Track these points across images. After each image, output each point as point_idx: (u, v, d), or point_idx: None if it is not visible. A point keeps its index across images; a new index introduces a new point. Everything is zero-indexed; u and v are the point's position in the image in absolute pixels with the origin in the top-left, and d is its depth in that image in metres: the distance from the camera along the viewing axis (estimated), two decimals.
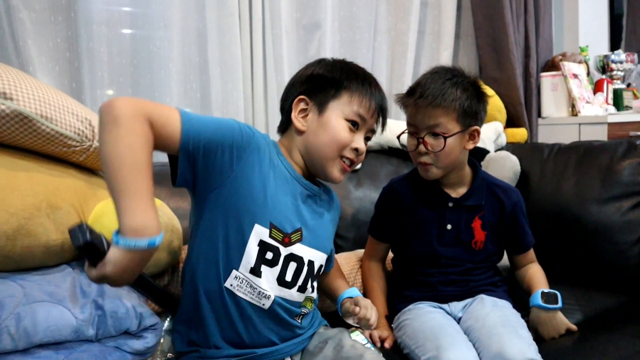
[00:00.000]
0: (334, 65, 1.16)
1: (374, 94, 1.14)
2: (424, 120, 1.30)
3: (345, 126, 1.11)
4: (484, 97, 1.35)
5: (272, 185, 1.06)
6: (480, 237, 1.40)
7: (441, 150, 1.30)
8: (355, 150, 1.13)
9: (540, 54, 2.63)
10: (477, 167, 1.44)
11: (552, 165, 1.93)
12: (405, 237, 1.44)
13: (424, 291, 1.40)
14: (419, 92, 1.30)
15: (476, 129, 1.34)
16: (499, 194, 1.43)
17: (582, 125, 2.41)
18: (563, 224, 1.79)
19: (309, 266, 1.12)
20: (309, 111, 1.12)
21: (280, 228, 1.06)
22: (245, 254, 1.03)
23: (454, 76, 1.32)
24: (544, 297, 1.35)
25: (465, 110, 1.30)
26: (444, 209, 1.40)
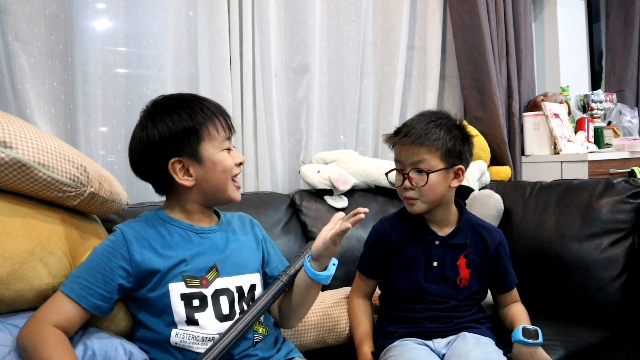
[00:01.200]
0: (169, 115, 1.17)
1: (216, 113, 1.21)
2: (409, 157, 1.37)
3: (225, 155, 1.20)
4: (469, 139, 1.42)
5: (169, 245, 1.17)
6: (465, 274, 1.44)
7: (424, 185, 1.36)
8: (240, 164, 1.24)
9: (522, 94, 2.72)
10: (463, 207, 1.49)
11: (534, 203, 1.98)
12: (393, 273, 1.47)
13: (410, 327, 1.43)
14: (404, 131, 1.38)
15: (460, 168, 1.40)
16: (483, 234, 1.48)
17: (564, 163, 2.48)
18: (544, 260, 1.83)
19: (238, 292, 1.21)
20: (188, 166, 1.18)
21: (193, 275, 1.16)
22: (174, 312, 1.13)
23: (439, 118, 1.40)
24: (525, 333, 1.39)
25: (449, 149, 1.36)
26: (431, 247, 1.44)
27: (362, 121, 2.40)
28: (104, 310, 1.11)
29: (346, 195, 1.99)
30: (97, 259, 1.13)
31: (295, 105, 2.24)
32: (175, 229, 1.20)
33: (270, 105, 2.13)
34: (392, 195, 2.05)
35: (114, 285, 1.11)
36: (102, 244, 1.16)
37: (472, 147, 1.45)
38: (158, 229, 1.20)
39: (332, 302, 1.60)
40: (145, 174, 1.23)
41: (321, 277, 1.25)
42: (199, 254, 1.19)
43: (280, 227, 1.81)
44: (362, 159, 2.10)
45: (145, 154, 1.19)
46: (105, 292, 1.10)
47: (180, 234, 1.20)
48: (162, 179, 1.21)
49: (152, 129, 1.17)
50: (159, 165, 1.17)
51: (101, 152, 1.85)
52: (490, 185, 2.25)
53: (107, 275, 1.11)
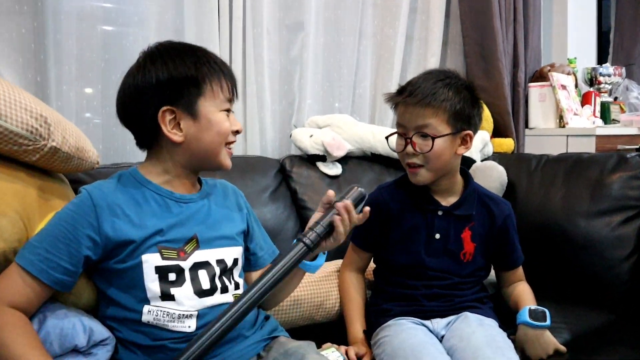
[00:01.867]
0: (172, 59, 1.04)
1: (223, 70, 1.08)
2: (413, 120, 1.25)
3: (224, 116, 1.07)
4: (478, 102, 1.30)
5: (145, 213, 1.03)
6: (470, 248, 1.32)
7: (429, 151, 1.24)
8: (237, 132, 1.11)
9: (528, 64, 2.58)
10: (469, 176, 1.37)
11: (539, 177, 1.87)
12: (390, 246, 1.36)
13: (406, 305, 1.31)
14: (409, 90, 1.26)
15: (468, 133, 1.28)
16: (490, 206, 1.36)
17: (570, 137, 2.35)
18: (550, 238, 1.72)
19: (220, 266, 1.08)
20: (180, 119, 1.04)
21: (170, 245, 1.03)
22: (146, 287, 1.00)
23: (447, 77, 1.27)
24: (531, 314, 1.28)
25: (457, 112, 1.24)
26: (433, 217, 1.33)
27: (359, 86, 2.25)
28: (67, 286, 0.98)
29: (340, 162, 1.86)
30: (60, 226, 0.98)
31: (288, 66, 2.09)
32: (152, 195, 1.06)
33: (261, 64, 1.98)
34: (389, 164, 1.92)
35: (80, 258, 0.97)
36: (66, 209, 1.01)
37: (482, 111, 1.33)
38: (132, 194, 1.05)
39: (321, 275, 1.48)
40: (130, 120, 1.07)
41: (310, 267, 1.14)
42: (178, 223, 1.05)
43: (268, 193, 1.68)
44: (358, 124, 1.96)
45: (136, 97, 1.04)
46: (70, 265, 0.96)
47: (157, 202, 1.05)
48: (148, 130, 1.05)
49: (151, 71, 1.02)
50: (149, 111, 1.02)
51: (75, 108, 1.70)
52: (493, 157, 2.13)
53: (72, 245, 0.97)
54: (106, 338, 0.98)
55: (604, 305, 1.59)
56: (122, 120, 1.08)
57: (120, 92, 1.07)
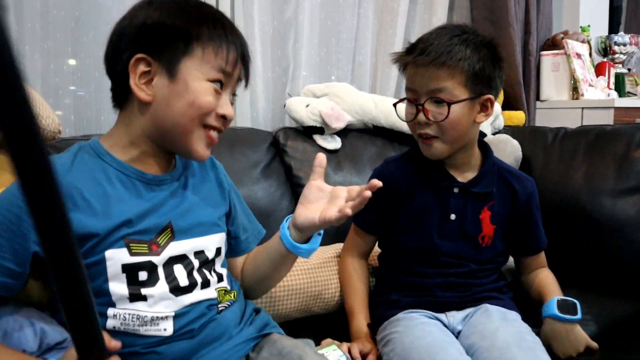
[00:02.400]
0: (169, 8, 0.85)
1: (231, 38, 0.87)
2: (425, 83, 1.07)
3: (209, 88, 0.85)
4: (500, 61, 1.12)
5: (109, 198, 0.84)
6: (489, 231, 1.16)
7: (445, 120, 1.07)
8: (223, 117, 0.88)
9: (539, 31, 2.40)
10: (487, 148, 1.20)
11: (557, 152, 1.71)
12: (399, 227, 1.19)
13: (417, 296, 1.15)
14: (420, 48, 1.07)
15: (489, 97, 1.11)
16: (512, 182, 1.19)
17: (586, 109, 2.19)
18: (571, 219, 1.56)
19: (198, 258, 0.91)
20: (154, 74, 0.84)
21: (140, 238, 0.84)
22: (111, 290, 0.82)
23: (464, 32, 1.09)
24: (560, 307, 1.12)
25: (476, 74, 1.07)
26: (448, 195, 1.16)
27: (358, 52, 2.05)
28: (13, 289, 0.80)
29: (339, 135, 1.67)
30: (0, 216, 0.79)
31: (281, 29, 1.89)
32: (117, 175, 0.86)
33: (251, 26, 1.79)
34: (393, 137, 1.75)
35: (27, 255, 0.79)
36: (7, 192, 0.81)
37: (504, 72, 1.15)
38: (93, 173, 0.85)
39: (318, 261, 1.32)
40: (109, 67, 0.88)
41: (302, 251, 0.97)
42: (150, 211, 0.86)
43: (260, 169, 1.50)
44: (359, 93, 1.78)
45: (116, 41, 0.85)
46: (14, 264, 0.78)
47: (125, 184, 0.86)
48: (118, 81, 0.86)
49: (141, 13, 0.84)
50: (125, 55, 0.83)
51: (40, 72, 1.50)
52: (504, 131, 1.95)
53: (16, 240, 0.78)
54: (62, 341, 0.81)
55: (633, 293, 1.43)
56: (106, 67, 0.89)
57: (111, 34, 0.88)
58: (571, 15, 2.72)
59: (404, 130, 1.73)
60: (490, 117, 1.89)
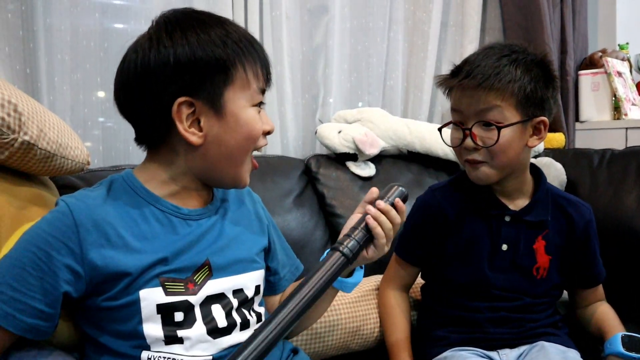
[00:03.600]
0: (196, 32, 0.78)
1: (257, 50, 0.83)
2: (473, 105, 1.01)
3: (255, 114, 0.83)
4: (554, 81, 1.06)
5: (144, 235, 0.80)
6: (544, 262, 1.08)
7: (495, 145, 0.99)
8: (268, 133, 0.87)
9: (576, 50, 2.32)
10: (541, 174, 1.12)
11: (605, 175, 1.61)
12: (446, 259, 1.12)
13: (466, 332, 1.07)
14: (467, 70, 1.02)
15: (542, 120, 1.04)
16: (568, 210, 1.12)
17: (630, 129, 2.08)
18: (624, 246, 1.45)
19: (237, 297, 0.85)
20: (199, 114, 0.79)
21: (176, 276, 0.79)
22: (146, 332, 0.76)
23: (513, 52, 1.03)
24: (625, 344, 1.03)
25: (528, 96, 1.00)
26: (499, 224, 1.08)
27: (389, 77, 2.00)
28: (43, 332, 0.75)
29: (373, 162, 1.61)
30: (30, 252, 0.74)
31: (310, 54, 1.85)
32: (152, 211, 0.81)
33: (280, 52, 1.75)
34: (429, 163, 1.68)
35: (57, 295, 0.74)
36: (37, 228, 0.76)
37: (558, 92, 1.08)
38: (127, 208, 0.80)
39: (356, 295, 1.25)
40: (133, 110, 0.82)
41: (345, 285, 0.93)
42: (186, 248, 0.81)
43: (292, 198, 1.44)
44: (392, 118, 1.72)
45: (144, 81, 0.78)
46: (44, 305, 0.73)
47: (160, 220, 0.81)
48: (157, 125, 0.80)
49: (167, 47, 0.77)
50: (161, 101, 0.78)
51: (70, 103, 1.49)
52: (545, 154, 1.87)
53: (47, 280, 0.73)
54: None
55: None
56: (121, 108, 0.84)
57: (121, 72, 0.82)
58: (608, 34, 2.63)
59: (440, 155, 1.66)
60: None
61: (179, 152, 0.82)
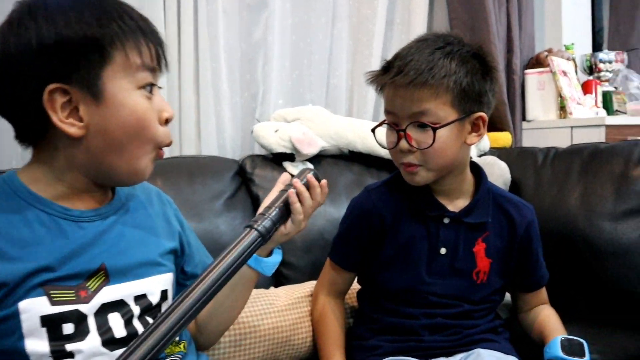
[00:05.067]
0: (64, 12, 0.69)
1: (142, 28, 0.73)
2: (406, 106, 0.95)
3: (143, 98, 0.73)
4: (491, 72, 0.99)
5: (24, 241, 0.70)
6: (484, 266, 1.02)
7: (431, 147, 0.93)
8: (167, 121, 0.77)
9: (522, 50, 2.30)
10: (481, 172, 1.07)
11: (549, 174, 1.58)
12: (382, 264, 1.06)
13: (401, 341, 1.02)
14: (398, 66, 0.94)
15: (481, 116, 0.98)
16: (510, 211, 1.07)
17: (575, 128, 2.08)
18: (568, 246, 1.42)
19: (140, 304, 0.77)
20: (77, 102, 0.70)
21: (64, 284, 0.71)
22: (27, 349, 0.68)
23: (447, 44, 0.96)
24: (565, 347, 0.98)
25: (465, 90, 0.94)
26: (438, 227, 1.02)
27: (333, 75, 1.94)
28: None
29: (312, 162, 1.54)
30: None
31: (250, 51, 1.77)
32: (36, 215, 0.72)
33: (216, 48, 1.67)
34: (371, 163, 1.61)
35: None
36: None
37: (496, 85, 1.02)
38: (6, 212, 0.71)
39: (287, 302, 1.17)
40: (2, 103, 0.72)
41: (265, 265, 0.91)
42: (77, 252, 0.72)
43: (223, 200, 1.35)
44: (333, 117, 1.65)
45: (7, 70, 0.69)
46: None
47: (45, 224, 0.72)
48: (31, 118, 0.70)
49: (29, 29, 0.68)
50: (28, 90, 0.68)
51: None
52: (490, 153, 1.83)
53: None
54: None
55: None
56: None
57: None
58: (554, 34, 2.64)
59: (383, 155, 1.60)
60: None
61: (58, 148, 0.73)
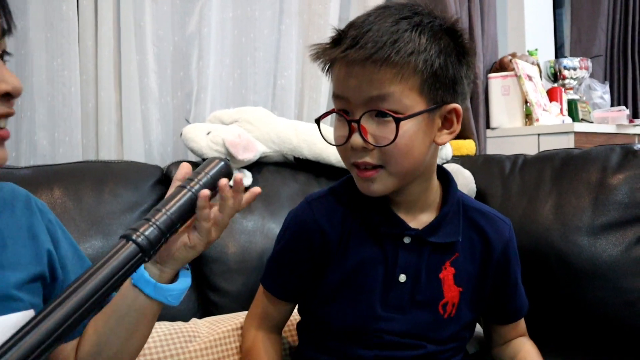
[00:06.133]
0: None
1: None
2: (361, 89, 0.73)
3: None
4: (468, 54, 0.78)
5: None
6: (453, 296, 0.83)
7: (391, 143, 0.73)
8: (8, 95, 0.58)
9: (485, 54, 2.17)
10: (451, 180, 0.87)
11: (518, 183, 1.42)
12: (326, 294, 0.85)
13: None
14: (352, 37, 0.73)
15: (455, 107, 0.77)
16: (484, 227, 0.86)
17: (542, 135, 1.94)
18: (541, 264, 1.25)
19: None
20: None
21: None
22: None
23: (416, 14, 0.75)
24: None
25: (436, 74, 0.74)
26: (396, 248, 0.82)
27: (281, 75, 1.75)
28: None
29: (250, 170, 1.33)
30: None
31: (183, 45, 1.57)
32: None
33: (143, 40, 1.46)
34: (320, 172, 1.42)
35: None
36: None
37: (472, 72, 0.81)
38: None
39: (210, 338, 0.95)
40: None
41: (172, 294, 0.67)
42: None
43: (138, 213, 1.12)
44: (276, 119, 1.45)
45: None
46: None
47: None
48: None
49: None
50: None
51: None
52: (453, 161, 1.67)
53: None
54: None
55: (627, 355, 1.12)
56: None
57: None
58: (517, 39, 2.54)
59: (333, 162, 1.40)
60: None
61: None
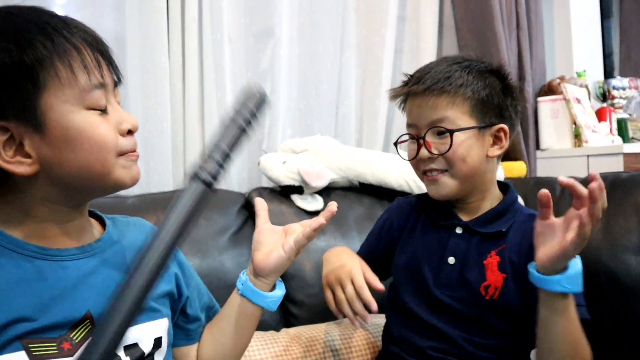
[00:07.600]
0: None
1: (76, 34, 0.64)
2: (424, 115, 0.98)
3: (93, 116, 0.65)
4: (512, 90, 1.00)
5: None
6: (496, 280, 0.95)
7: (449, 150, 0.94)
8: (129, 132, 0.69)
9: (534, 77, 2.26)
10: (510, 189, 1.05)
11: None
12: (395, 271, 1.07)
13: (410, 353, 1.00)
14: (416, 77, 0.98)
15: (502, 127, 0.98)
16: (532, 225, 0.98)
17: (592, 157, 2.01)
18: (592, 282, 1.33)
19: (130, 354, 0.70)
20: (20, 137, 0.63)
21: (44, 336, 0.63)
22: None
23: (466, 60, 0.99)
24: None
25: (483, 101, 0.96)
26: (449, 236, 1.01)
27: (342, 104, 1.89)
28: None
29: (321, 195, 1.48)
30: None
31: (256, 80, 1.74)
32: (11, 257, 0.65)
33: (222, 77, 1.64)
34: (382, 195, 1.55)
35: None
36: None
37: (519, 103, 1.03)
38: None
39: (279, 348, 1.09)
40: None
41: (271, 301, 0.85)
42: (57, 298, 0.65)
43: (228, 236, 1.29)
44: (343, 148, 1.60)
45: None
46: None
47: (21, 266, 0.65)
48: None
49: None
50: None
51: None
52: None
53: None
54: None
55: None
56: None
57: None
58: (565, 61, 2.60)
59: (394, 187, 1.54)
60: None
61: (20, 185, 0.65)
